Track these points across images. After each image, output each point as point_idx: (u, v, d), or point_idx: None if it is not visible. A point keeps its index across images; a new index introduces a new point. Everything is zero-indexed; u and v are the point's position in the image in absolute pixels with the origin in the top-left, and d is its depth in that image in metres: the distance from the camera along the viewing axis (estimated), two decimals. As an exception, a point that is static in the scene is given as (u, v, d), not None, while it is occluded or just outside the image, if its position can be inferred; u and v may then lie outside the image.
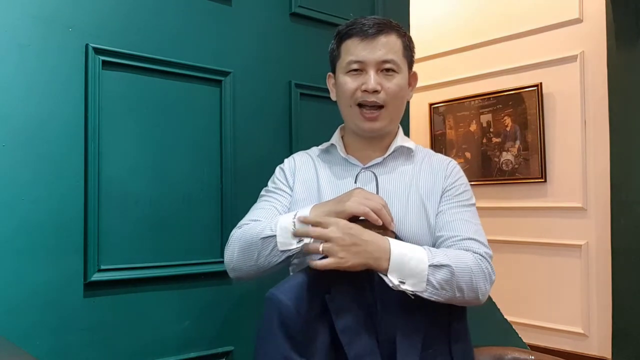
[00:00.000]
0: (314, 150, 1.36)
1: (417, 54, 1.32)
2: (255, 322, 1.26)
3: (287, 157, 1.39)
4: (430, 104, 3.79)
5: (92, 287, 1.28)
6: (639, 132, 2.73)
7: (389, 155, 1.26)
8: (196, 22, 1.49)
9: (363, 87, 1.19)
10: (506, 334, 2.18)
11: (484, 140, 3.51)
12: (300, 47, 1.71)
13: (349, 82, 1.21)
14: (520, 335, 2.25)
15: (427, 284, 1.01)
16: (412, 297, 1.01)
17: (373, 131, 1.23)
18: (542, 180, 3.22)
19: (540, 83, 3.21)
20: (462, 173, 1.27)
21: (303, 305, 0.96)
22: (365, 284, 1.05)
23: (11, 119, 1.19)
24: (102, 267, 1.29)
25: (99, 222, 1.29)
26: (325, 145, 1.34)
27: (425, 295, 1.02)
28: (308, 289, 0.98)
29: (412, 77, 1.29)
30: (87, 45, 1.30)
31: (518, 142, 3.33)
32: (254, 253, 1.11)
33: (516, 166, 3.34)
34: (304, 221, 1.06)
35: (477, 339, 1.20)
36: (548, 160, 3.21)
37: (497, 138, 3.44)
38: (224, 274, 1.48)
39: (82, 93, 1.29)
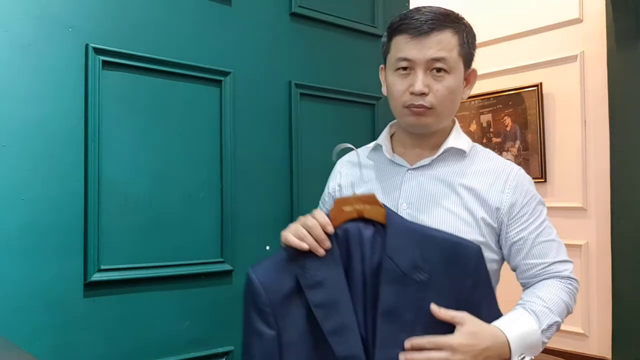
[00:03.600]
0: (362, 151, 1.30)
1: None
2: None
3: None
4: (430, 104, 3.79)
5: (92, 287, 1.28)
6: (639, 132, 2.73)
7: (437, 156, 1.19)
8: (196, 22, 1.49)
9: (410, 89, 1.12)
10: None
11: (484, 140, 3.51)
12: (300, 47, 1.71)
13: (397, 84, 1.14)
14: (520, 335, 2.25)
15: (542, 345, 1.07)
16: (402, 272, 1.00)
17: (420, 127, 1.16)
18: (542, 180, 3.22)
19: (540, 83, 3.21)
20: (529, 181, 1.19)
21: (273, 280, 1.01)
22: (355, 253, 1.02)
23: (11, 119, 1.19)
24: (102, 267, 1.29)
25: (99, 222, 1.29)
26: (373, 144, 1.28)
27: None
28: (283, 265, 1.02)
29: (471, 75, 1.20)
30: (87, 45, 1.30)
31: (518, 142, 3.33)
32: None
33: (516, 166, 3.34)
34: None
35: (477, 339, 1.20)
36: (548, 160, 3.21)
37: (497, 138, 3.44)
38: (224, 274, 1.49)
39: (82, 93, 1.29)
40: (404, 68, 1.13)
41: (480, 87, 3.52)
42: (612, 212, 2.86)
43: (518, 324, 1.04)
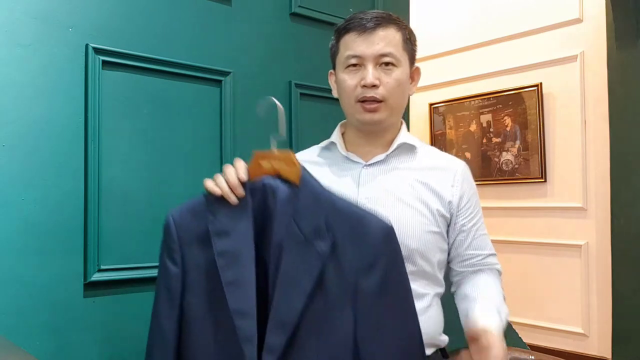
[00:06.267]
0: (314, 150, 1.35)
1: (418, 54, 1.31)
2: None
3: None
4: (430, 104, 3.79)
5: (92, 287, 1.28)
6: (639, 132, 2.73)
7: (391, 152, 1.24)
8: (196, 22, 1.49)
9: (362, 83, 1.18)
10: (506, 334, 2.18)
11: (484, 140, 3.51)
12: (300, 47, 1.71)
13: (348, 79, 1.20)
14: (520, 335, 2.25)
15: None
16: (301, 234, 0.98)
17: (374, 123, 1.21)
18: (542, 180, 3.22)
19: (540, 83, 3.21)
20: (471, 175, 1.28)
21: (187, 221, 1.03)
22: (268, 210, 1.01)
23: (11, 119, 1.19)
24: (102, 267, 1.29)
25: (99, 222, 1.29)
26: (325, 142, 1.33)
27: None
28: (199, 209, 1.04)
29: (415, 72, 1.27)
30: (87, 45, 1.30)
31: (518, 142, 3.33)
32: None
33: (516, 166, 3.34)
34: None
35: (477, 339, 1.20)
36: (548, 160, 3.21)
37: (497, 138, 3.44)
38: (224, 274, 1.49)
39: (82, 93, 1.29)
40: (354, 65, 1.20)
41: (480, 87, 3.53)
42: (612, 212, 2.86)
43: (496, 320, 1.17)
